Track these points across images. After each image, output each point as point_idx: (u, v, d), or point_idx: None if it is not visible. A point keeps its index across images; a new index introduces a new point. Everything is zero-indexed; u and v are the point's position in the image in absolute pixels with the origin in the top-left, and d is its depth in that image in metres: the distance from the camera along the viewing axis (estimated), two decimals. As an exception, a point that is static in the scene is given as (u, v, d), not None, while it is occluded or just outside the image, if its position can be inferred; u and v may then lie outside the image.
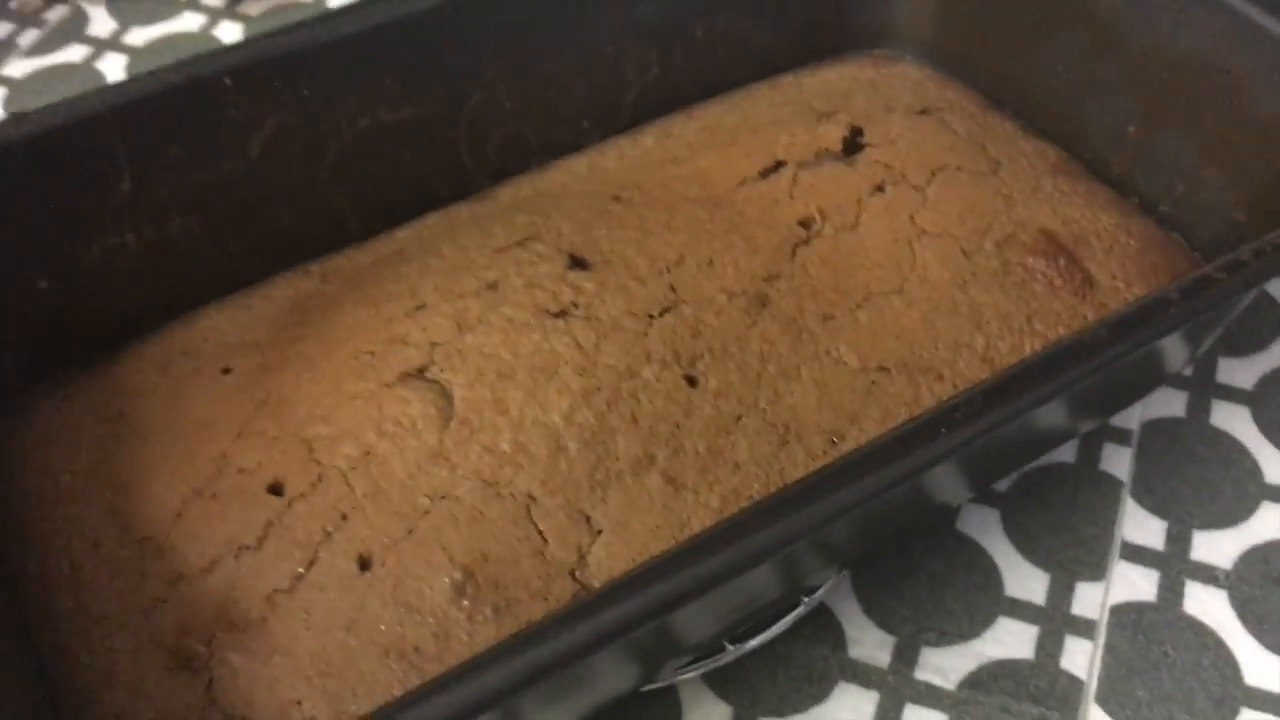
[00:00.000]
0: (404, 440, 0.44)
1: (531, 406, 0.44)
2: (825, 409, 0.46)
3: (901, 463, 0.37)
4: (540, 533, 0.43)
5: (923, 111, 0.57)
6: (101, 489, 0.46)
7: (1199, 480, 0.54)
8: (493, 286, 0.48)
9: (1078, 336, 0.39)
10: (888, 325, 0.49)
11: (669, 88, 0.60)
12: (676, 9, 0.58)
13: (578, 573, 0.42)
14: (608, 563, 0.42)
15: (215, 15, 0.79)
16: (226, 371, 0.49)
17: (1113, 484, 0.54)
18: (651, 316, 0.47)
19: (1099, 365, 0.39)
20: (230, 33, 0.78)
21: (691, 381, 0.46)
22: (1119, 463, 0.55)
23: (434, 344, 0.46)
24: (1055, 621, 0.50)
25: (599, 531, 0.43)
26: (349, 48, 0.52)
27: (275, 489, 0.44)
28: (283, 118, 0.51)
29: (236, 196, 0.52)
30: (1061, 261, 0.51)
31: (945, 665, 0.49)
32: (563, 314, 0.47)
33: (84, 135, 0.48)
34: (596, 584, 0.42)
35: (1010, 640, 0.49)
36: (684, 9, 0.58)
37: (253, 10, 0.79)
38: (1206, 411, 0.57)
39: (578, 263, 0.49)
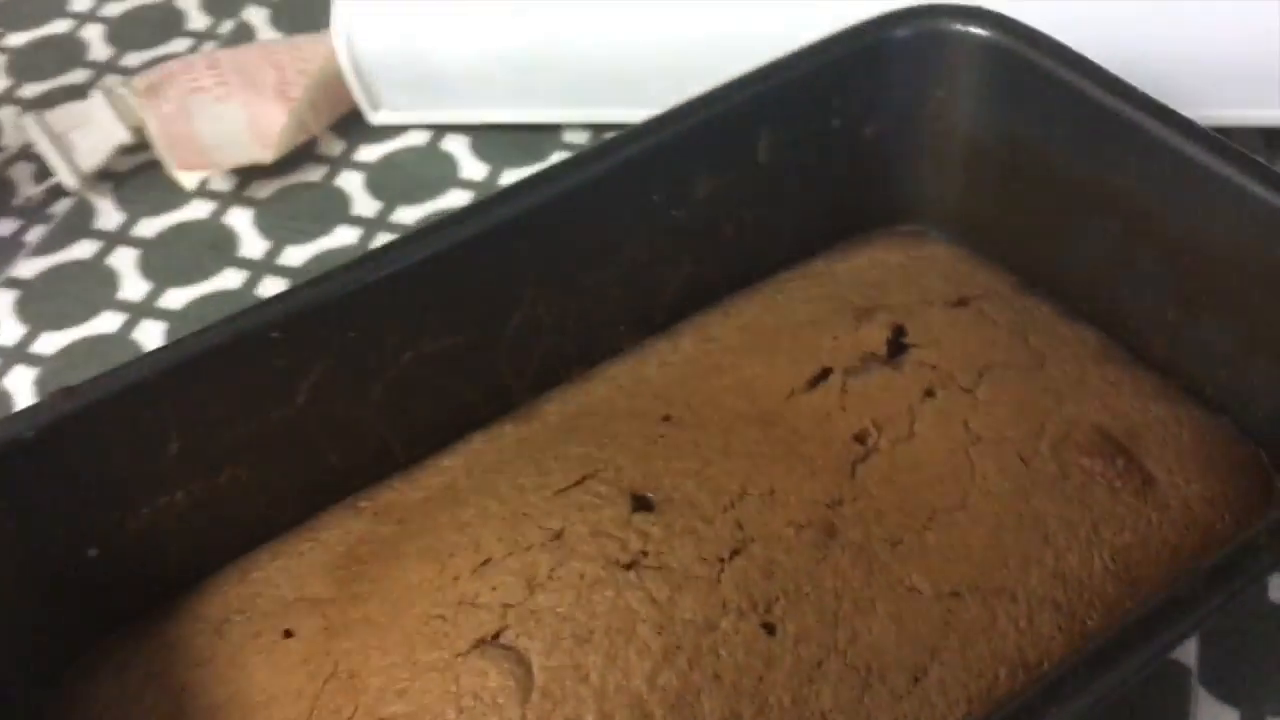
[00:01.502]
0: (485, 716, 0.43)
1: (613, 672, 0.44)
2: (904, 643, 0.46)
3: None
4: (634, 808, 0.42)
5: (960, 302, 0.57)
6: (172, 775, 0.45)
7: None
8: (558, 536, 0.47)
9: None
10: (955, 546, 0.48)
11: (702, 284, 0.60)
12: (706, 211, 0.58)
13: (676, 847, 0.41)
14: (704, 833, 0.42)
15: (224, 201, 0.79)
16: (289, 635, 0.48)
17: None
18: (722, 560, 0.46)
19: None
20: (239, 219, 0.78)
21: (769, 629, 0.45)
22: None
23: (506, 605, 0.45)
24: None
25: (693, 802, 0.42)
26: (391, 286, 0.51)
27: (356, 775, 0.43)
28: (329, 362, 0.51)
29: (284, 441, 0.51)
30: (1120, 462, 0.51)
31: None
32: (633, 565, 0.46)
33: (132, 403, 0.47)
34: None
35: None
36: (713, 210, 0.58)
37: (261, 193, 0.79)
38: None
39: (641, 503, 0.48)
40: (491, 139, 0.81)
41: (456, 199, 0.78)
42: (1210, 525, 0.50)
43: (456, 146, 0.81)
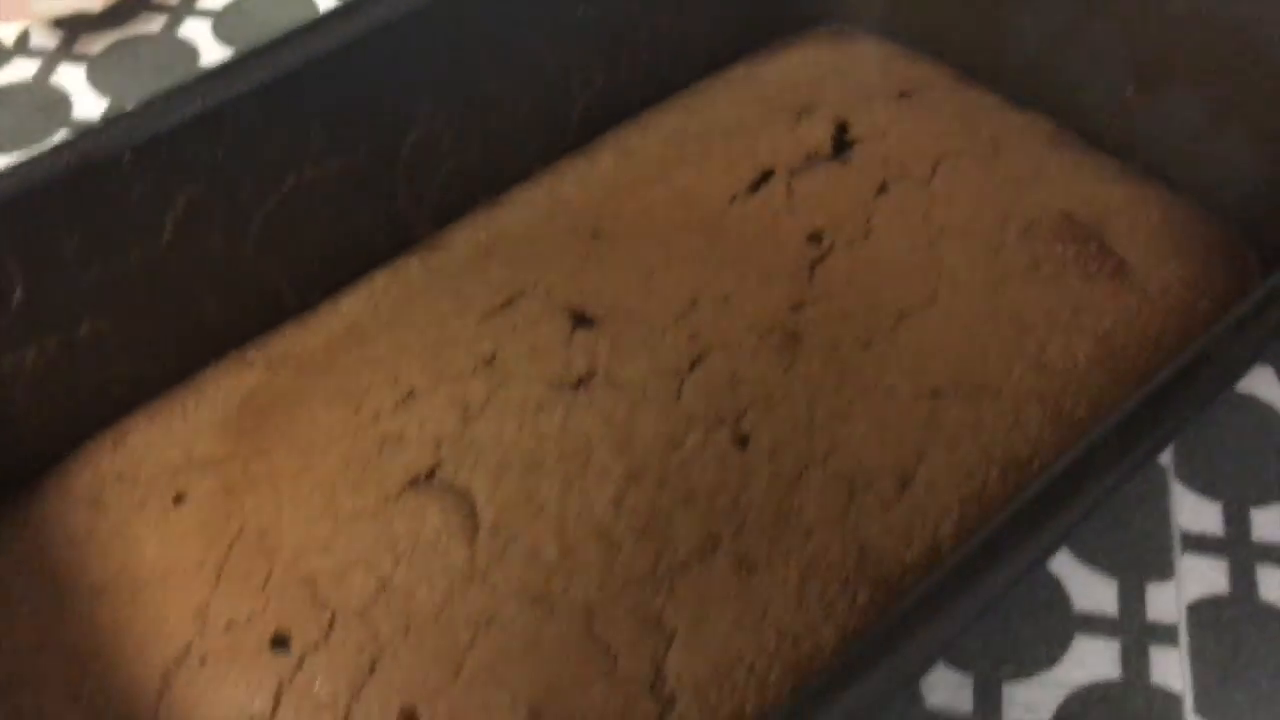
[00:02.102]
0: (427, 562, 0.37)
1: (571, 499, 0.38)
2: (888, 447, 0.41)
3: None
4: (606, 648, 0.36)
5: (902, 95, 0.52)
6: (53, 669, 0.37)
7: (1243, 455, 0.51)
8: (490, 361, 0.41)
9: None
10: (931, 343, 0.44)
11: (616, 97, 0.54)
12: (616, 10, 0.52)
13: (658, 687, 0.36)
14: (689, 670, 0.36)
15: (50, 58, 0.69)
16: (179, 500, 0.41)
17: (1156, 471, 0.50)
18: (680, 373, 0.41)
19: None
20: (72, 78, 0.68)
21: (742, 442, 0.40)
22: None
23: (439, 439, 0.39)
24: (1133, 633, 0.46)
25: (672, 634, 0.37)
26: (266, 98, 0.44)
27: (279, 642, 0.37)
28: (196, 189, 0.43)
29: (151, 286, 0.44)
30: (1092, 246, 0.47)
31: (1033, 700, 0.44)
32: (580, 384, 0.40)
33: (-38, 243, 0.39)
34: (681, 697, 0.36)
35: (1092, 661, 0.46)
36: (626, 10, 0.52)
37: (93, 48, 0.69)
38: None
39: (581, 320, 0.42)
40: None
41: (320, 44, 0.69)
42: (1190, 308, 0.46)
43: (315, -15, 0.72)
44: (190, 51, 0.70)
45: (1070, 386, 0.44)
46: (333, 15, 0.45)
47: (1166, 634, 0.46)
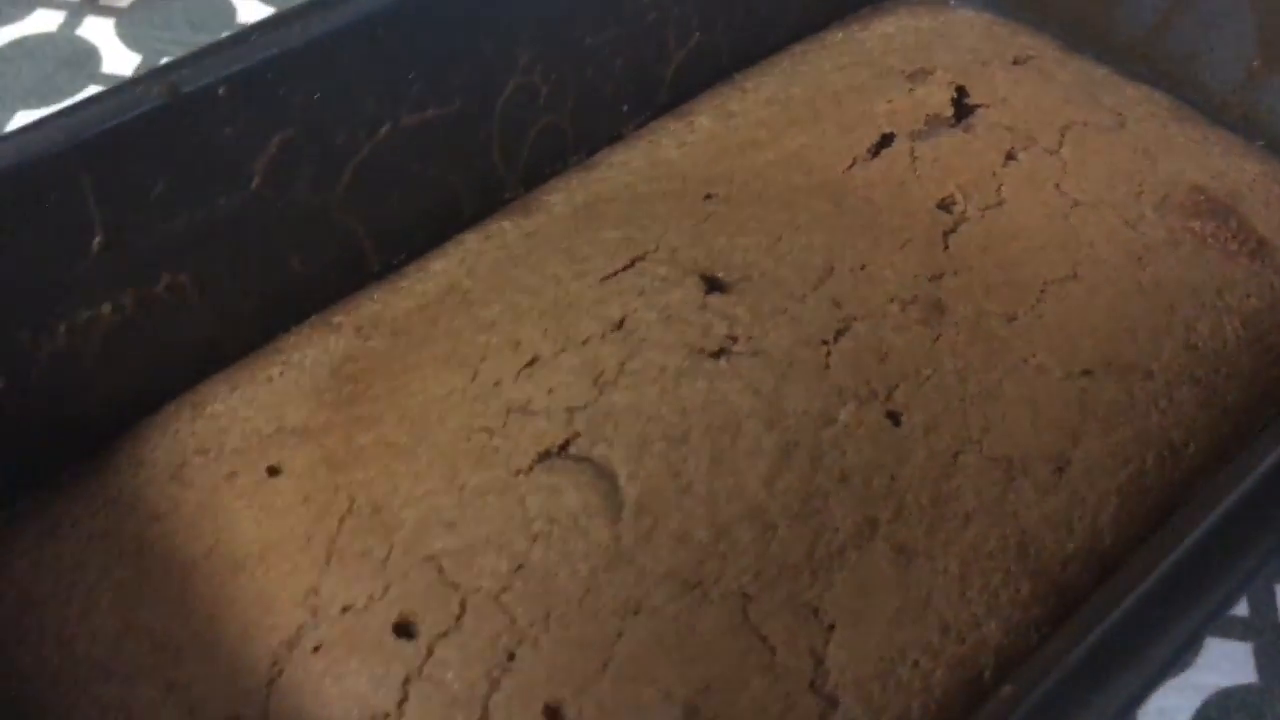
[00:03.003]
0: (567, 543, 0.33)
1: (721, 477, 0.35)
2: (1042, 430, 0.38)
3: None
4: (764, 639, 0.33)
5: (1015, 62, 0.50)
6: (141, 657, 0.34)
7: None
8: (620, 326, 0.38)
9: None
10: (1076, 319, 0.41)
11: (710, 57, 0.51)
12: (716, -38, 0.49)
13: (818, 683, 0.33)
14: (851, 665, 0.33)
15: (75, 11, 0.65)
16: (274, 472, 0.37)
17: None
18: (826, 343, 0.38)
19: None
20: (98, 30, 0.64)
21: (894, 419, 0.37)
22: None
23: (571, 409, 0.36)
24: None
25: (831, 626, 0.34)
26: (368, 36, 0.40)
27: (404, 629, 0.33)
28: (289, 133, 0.40)
29: (235, 239, 0.40)
30: (1232, 222, 0.44)
31: (1168, 705, 0.42)
32: (722, 352, 0.37)
33: (39, 182, 0.35)
34: (843, 695, 0.33)
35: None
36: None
37: (122, 0, 0.65)
38: None
39: (713, 284, 0.39)
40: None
41: (368, 1, 0.66)
42: (1334, 287, 0.44)
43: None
44: (227, 7, 0.66)
45: (1222, 368, 0.41)
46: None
47: (1301, 634, 0.44)
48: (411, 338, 0.40)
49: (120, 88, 0.36)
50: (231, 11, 0.66)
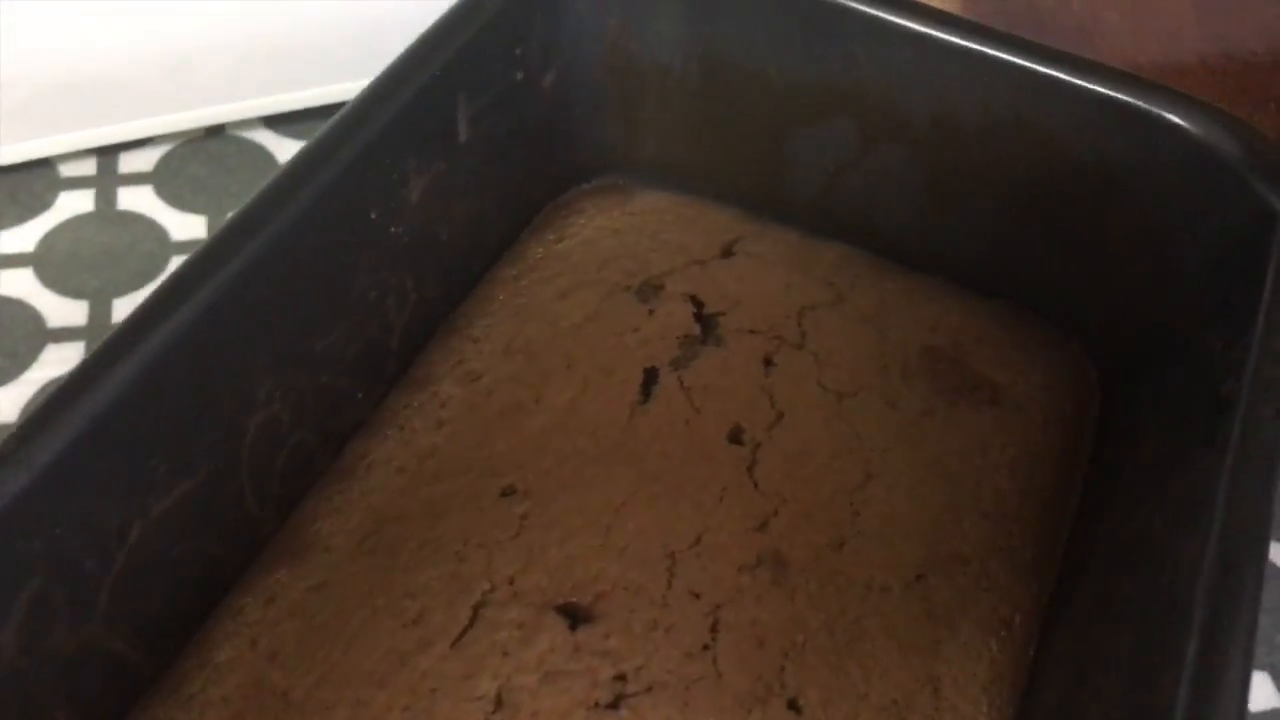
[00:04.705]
0: None
1: None
2: (907, 659, 0.39)
3: None
4: None
5: (725, 252, 0.50)
6: None
7: None
8: (499, 704, 0.34)
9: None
10: (889, 523, 0.42)
11: (426, 313, 0.47)
12: (421, 216, 0.45)
13: None
14: None
15: None
16: None
17: None
18: (709, 648, 0.36)
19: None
20: None
21: (795, 708, 0.36)
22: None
23: (491, 827, 0.32)
24: None
25: None
26: (100, 438, 0.34)
27: None
28: (38, 582, 0.32)
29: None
30: (967, 374, 0.47)
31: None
32: (618, 700, 0.35)
33: None
34: None
35: None
36: (427, 212, 0.46)
37: None
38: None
39: (572, 615, 0.36)
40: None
41: None
42: (1061, 414, 0.48)
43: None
44: None
45: (1016, 527, 0.44)
46: (151, 305, 0.35)
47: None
48: (241, 768, 0.34)
49: None
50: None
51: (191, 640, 0.38)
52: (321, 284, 0.41)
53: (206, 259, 0.37)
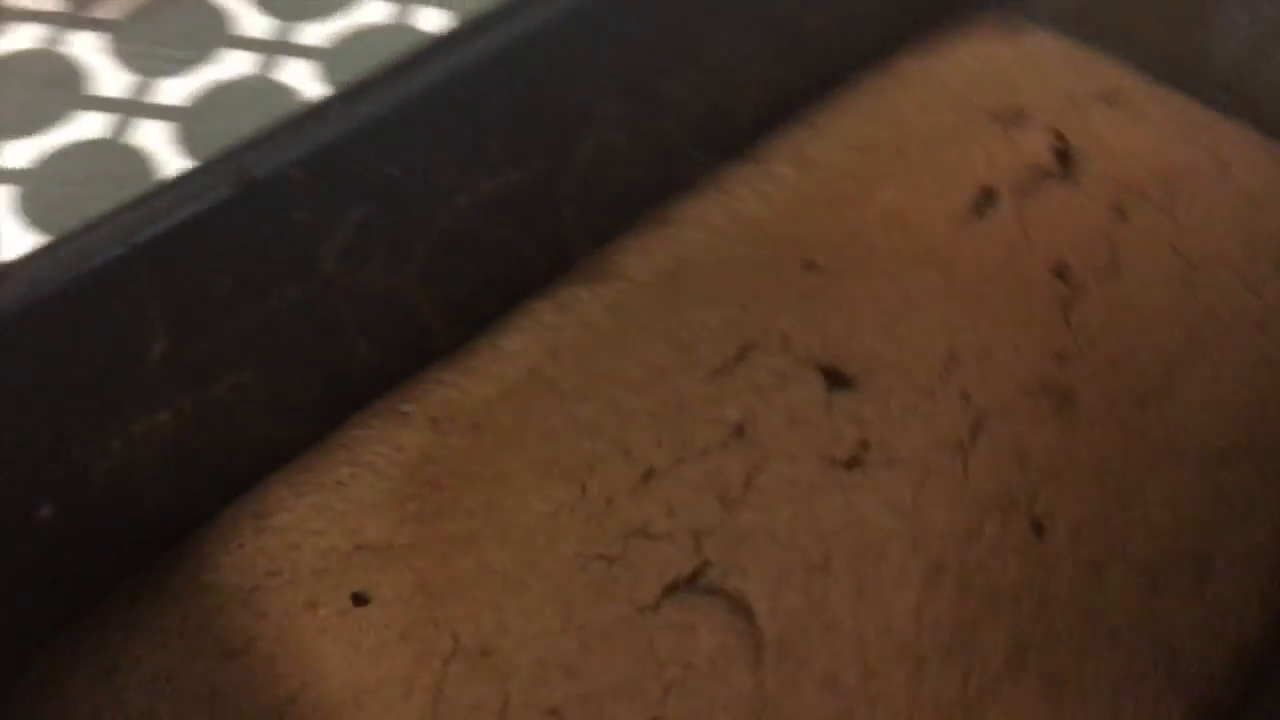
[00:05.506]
0: (706, 691, 0.31)
1: (867, 609, 0.32)
2: (1184, 527, 0.36)
3: None
4: (921, 790, 0.30)
5: (1107, 99, 0.47)
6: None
7: None
8: (740, 432, 0.34)
9: None
10: (1206, 400, 0.38)
11: (783, 94, 0.47)
12: (800, 5, 0.45)
13: (979, 834, 0.30)
14: (1011, 811, 0.31)
15: (59, 24, 0.59)
16: (361, 601, 0.34)
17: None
18: (962, 445, 0.35)
19: None
20: (84, 46, 0.59)
21: (1038, 529, 0.34)
22: None
23: (697, 532, 0.32)
24: None
25: (988, 768, 0.31)
26: (447, 101, 0.36)
27: (531, 795, 0.30)
28: (366, 210, 0.36)
29: (302, 329, 0.36)
30: (1353, 284, 0.42)
31: None
32: (854, 462, 0.34)
33: (96, 290, 0.31)
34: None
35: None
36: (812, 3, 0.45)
37: (109, 11, 0.60)
38: None
39: (835, 379, 0.36)
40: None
41: (377, 10, 0.61)
42: None
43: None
44: (221, 15, 0.61)
45: (1358, 449, 0.39)
46: (499, 14, 0.37)
47: None
48: (498, 435, 0.36)
49: (183, 178, 0.32)
50: (230, 20, 0.61)
51: (487, 328, 0.41)
52: (675, 32, 0.41)
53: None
